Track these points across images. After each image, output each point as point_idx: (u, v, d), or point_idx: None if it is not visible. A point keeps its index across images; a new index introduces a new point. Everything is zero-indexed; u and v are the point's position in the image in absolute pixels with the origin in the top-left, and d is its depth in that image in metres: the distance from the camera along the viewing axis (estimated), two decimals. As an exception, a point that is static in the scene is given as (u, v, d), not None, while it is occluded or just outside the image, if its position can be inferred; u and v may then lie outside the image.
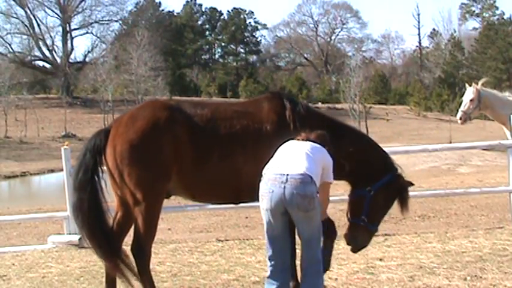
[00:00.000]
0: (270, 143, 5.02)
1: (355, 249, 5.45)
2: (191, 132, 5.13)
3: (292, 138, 4.96)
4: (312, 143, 4.85)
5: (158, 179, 5.05)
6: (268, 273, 4.72)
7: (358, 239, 5.31)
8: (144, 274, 5.17)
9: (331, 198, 5.00)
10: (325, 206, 4.95)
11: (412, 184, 5.44)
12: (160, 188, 5.10)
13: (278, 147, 4.92)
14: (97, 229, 5.18)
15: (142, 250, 5.10)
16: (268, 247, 4.71)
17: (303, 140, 4.91)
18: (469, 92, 10.35)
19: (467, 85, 10.70)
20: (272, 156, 4.87)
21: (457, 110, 10.88)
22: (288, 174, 4.56)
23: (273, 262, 4.69)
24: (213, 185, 5.22)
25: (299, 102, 5.48)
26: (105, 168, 5.30)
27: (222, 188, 5.26)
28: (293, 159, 4.68)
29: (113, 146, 5.11)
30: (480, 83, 10.49)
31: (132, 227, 5.32)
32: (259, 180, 4.81)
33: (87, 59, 73.09)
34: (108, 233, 5.25)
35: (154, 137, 5.03)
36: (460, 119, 10.44)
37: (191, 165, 5.10)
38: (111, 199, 5.55)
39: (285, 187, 4.53)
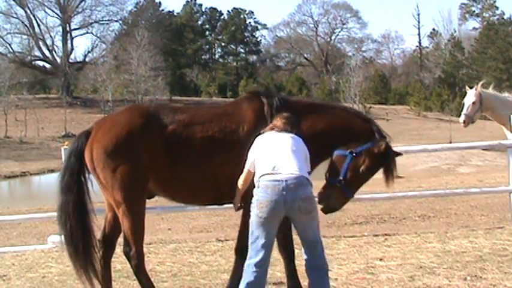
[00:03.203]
0: (250, 143, 4.96)
1: (325, 209, 5.27)
2: (167, 139, 5.11)
3: (262, 133, 4.89)
4: (288, 134, 4.80)
5: (134, 184, 5.06)
6: (252, 279, 4.59)
7: (331, 199, 5.16)
8: (141, 275, 5.19)
9: None
10: None
11: (399, 154, 5.36)
12: (137, 191, 5.11)
13: (251, 144, 4.85)
14: (78, 231, 5.26)
15: (134, 251, 5.11)
16: (258, 253, 4.59)
17: (275, 130, 4.85)
18: (471, 95, 10.32)
19: (467, 87, 10.68)
20: (247, 156, 4.81)
21: (457, 110, 10.87)
22: (286, 180, 4.52)
23: (258, 269, 4.60)
24: (192, 188, 5.21)
25: (275, 96, 5.41)
26: None
27: (202, 191, 5.24)
28: (283, 161, 4.62)
29: (90, 150, 5.20)
30: (480, 84, 10.48)
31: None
32: (252, 186, 4.71)
33: (87, 59, 73.13)
34: (88, 237, 5.30)
35: (129, 144, 5.06)
36: (464, 122, 10.42)
37: (168, 172, 5.11)
38: (99, 200, 5.61)
39: (286, 194, 4.49)
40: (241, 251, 5.11)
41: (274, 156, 4.68)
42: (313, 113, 5.37)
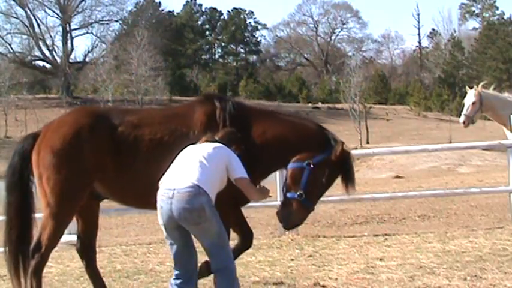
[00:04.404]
0: None
1: (287, 227, 5.22)
2: (114, 140, 5.03)
3: (195, 143, 4.79)
4: (213, 144, 4.69)
5: (75, 186, 4.99)
6: (173, 282, 4.59)
7: (292, 216, 4.95)
8: (36, 276, 4.98)
9: (330, 198, 4.91)
10: (255, 198, 4.79)
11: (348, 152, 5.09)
12: (74, 196, 5.03)
13: (177, 154, 4.74)
14: (13, 234, 5.17)
15: (43, 251, 4.99)
16: (173, 258, 4.62)
17: (206, 141, 4.74)
18: (471, 95, 10.31)
19: (467, 87, 10.67)
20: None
21: (457, 110, 10.88)
22: (174, 189, 4.43)
23: (177, 272, 4.60)
24: (140, 192, 5.09)
25: (229, 100, 5.28)
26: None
27: (150, 195, 4.98)
28: (183, 171, 4.53)
29: (38, 151, 5.13)
30: (480, 85, 10.48)
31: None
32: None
33: (87, 59, 73.15)
34: (19, 241, 5.17)
35: (75, 144, 4.99)
36: (464, 122, 10.41)
37: (115, 173, 5.01)
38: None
39: (171, 203, 4.41)
40: None
41: (179, 166, 4.61)
42: (266, 120, 5.25)
